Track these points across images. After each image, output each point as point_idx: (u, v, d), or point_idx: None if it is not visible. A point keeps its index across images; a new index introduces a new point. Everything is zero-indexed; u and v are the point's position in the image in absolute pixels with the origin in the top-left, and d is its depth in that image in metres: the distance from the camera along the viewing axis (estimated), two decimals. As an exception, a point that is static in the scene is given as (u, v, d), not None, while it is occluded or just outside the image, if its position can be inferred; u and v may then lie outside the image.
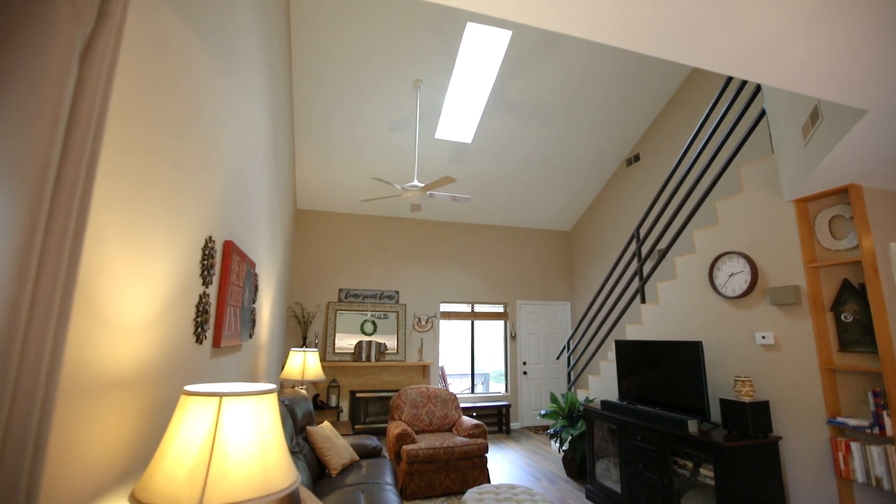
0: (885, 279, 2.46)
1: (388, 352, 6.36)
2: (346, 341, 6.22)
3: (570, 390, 5.46)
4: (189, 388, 1.12)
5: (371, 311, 6.46)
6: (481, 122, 5.42)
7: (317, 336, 6.23)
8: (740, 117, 3.44)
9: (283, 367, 4.07)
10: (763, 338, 3.01)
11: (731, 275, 3.25)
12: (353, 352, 6.20)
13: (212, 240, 1.86)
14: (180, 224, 1.49)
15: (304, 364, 3.94)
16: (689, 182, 5.05)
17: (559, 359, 6.72)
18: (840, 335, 2.65)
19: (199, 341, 1.78)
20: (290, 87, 4.45)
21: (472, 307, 7.16)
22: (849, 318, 2.60)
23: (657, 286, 3.96)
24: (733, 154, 3.45)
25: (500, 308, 7.29)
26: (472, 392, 7.11)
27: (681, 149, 5.32)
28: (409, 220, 7.00)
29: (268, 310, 3.92)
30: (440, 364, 6.91)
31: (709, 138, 3.79)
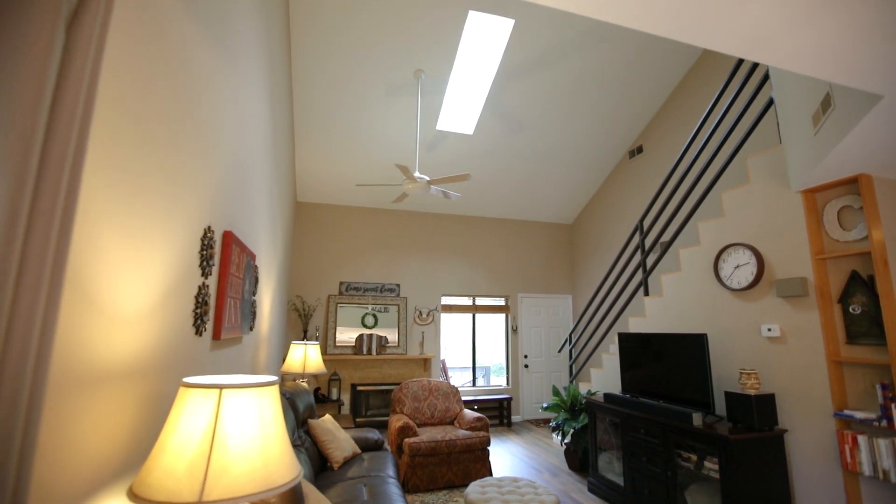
0: None
1: (390, 345, 6.34)
2: (346, 334, 6.20)
3: (571, 383, 5.45)
4: (188, 380, 1.08)
5: (372, 305, 6.43)
6: (483, 114, 5.36)
7: (317, 329, 6.21)
8: (747, 107, 3.39)
9: (284, 360, 4.05)
10: (769, 330, 2.98)
11: (737, 266, 3.21)
12: (353, 345, 6.19)
13: (210, 230, 1.82)
14: (178, 212, 1.45)
15: (305, 357, 3.92)
16: (693, 173, 5.00)
17: (561, 352, 6.70)
18: (848, 327, 2.62)
19: (198, 333, 1.74)
20: (289, 78, 4.39)
21: (474, 300, 7.13)
22: (857, 311, 2.56)
23: (661, 278, 3.93)
24: (739, 144, 3.40)
25: (501, 301, 7.26)
26: (474, 385, 7.10)
27: (685, 140, 5.27)
28: (410, 212, 6.95)
29: (268, 302, 3.89)
30: (441, 357, 6.89)
31: (714, 129, 3.74)
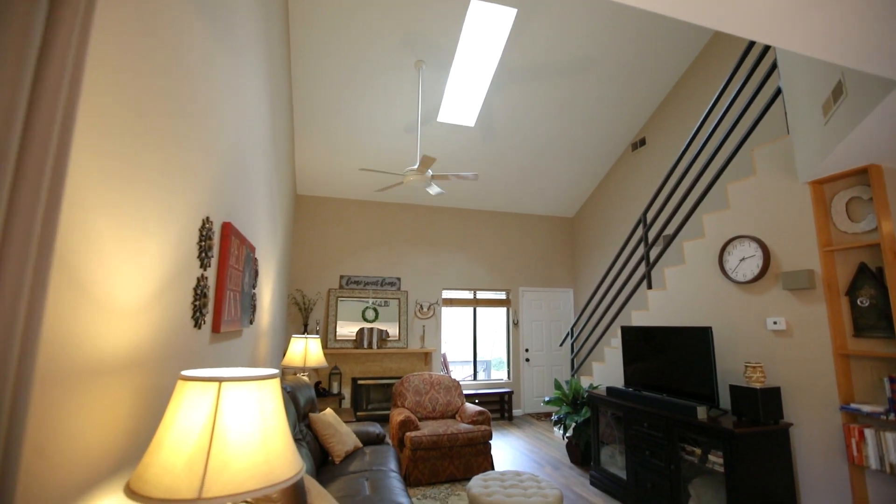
0: (905, 262, 2.38)
1: (390, 339, 6.32)
2: (347, 328, 6.18)
3: (573, 377, 5.43)
4: (186, 373, 1.05)
5: (372, 298, 6.41)
6: (484, 106, 5.30)
7: (318, 323, 6.18)
8: (753, 97, 3.34)
9: (285, 354, 4.04)
10: (774, 323, 2.95)
11: (742, 259, 3.18)
12: (354, 339, 6.16)
13: (209, 220, 1.78)
14: (175, 202, 1.41)
15: (306, 351, 3.89)
16: (698, 165, 4.94)
17: (562, 346, 6.69)
18: (855, 320, 2.58)
19: (197, 326, 1.71)
20: (288, 70, 4.33)
21: (475, 294, 7.11)
22: (865, 303, 2.53)
23: (664, 271, 3.89)
24: (746, 135, 3.35)
25: (502, 295, 7.24)
26: (475, 379, 7.09)
27: (689, 132, 5.21)
28: (411, 206, 6.91)
29: (268, 296, 3.85)
30: (442, 351, 6.87)
31: (720, 120, 3.69)
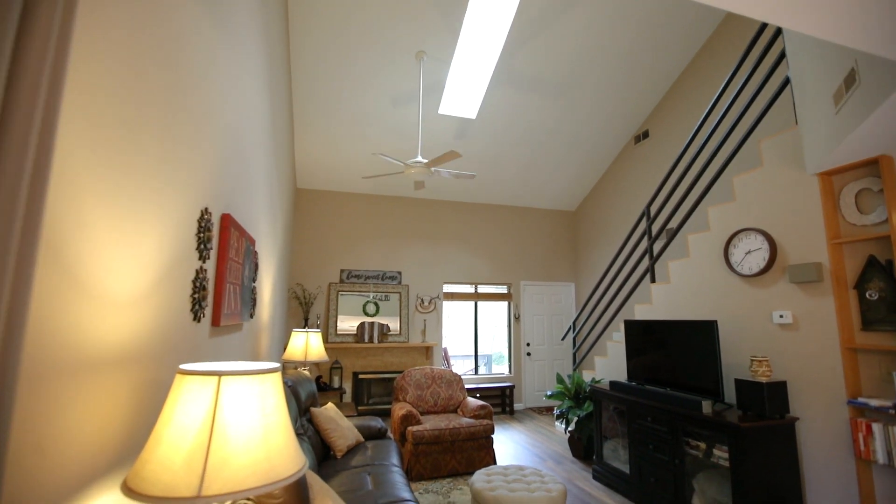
0: (915, 255, 2.34)
1: (391, 333, 6.30)
2: (348, 323, 6.15)
3: (575, 371, 5.41)
4: (185, 366, 1.02)
5: (373, 292, 6.37)
6: (486, 98, 5.24)
7: (318, 317, 6.16)
8: (760, 88, 3.28)
9: (286, 348, 4.01)
10: (781, 317, 2.92)
11: (748, 252, 3.14)
12: (355, 333, 6.14)
13: (208, 211, 1.74)
14: (172, 192, 1.37)
15: (307, 345, 3.86)
16: (703, 157, 4.89)
17: (564, 340, 6.66)
18: (864, 313, 2.55)
19: (196, 319, 1.67)
20: (287, 62, 4.27)
21: (476, 288, 7.07)
22: (874, 296, 2.50)
23: (668, 265, 3.85)
24: (752, 127, 3.31)
25: (503, 289, 7.21)
26: (476, 373, 7.08)
27: (693, 124, 5.16)
28: (412, 199, 6.86)
29: (269, 290, 3.82)
30: (443, 345, 6.85)
31: (726, 111, 3.64)
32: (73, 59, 0.79)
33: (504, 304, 7.26)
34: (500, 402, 6.66)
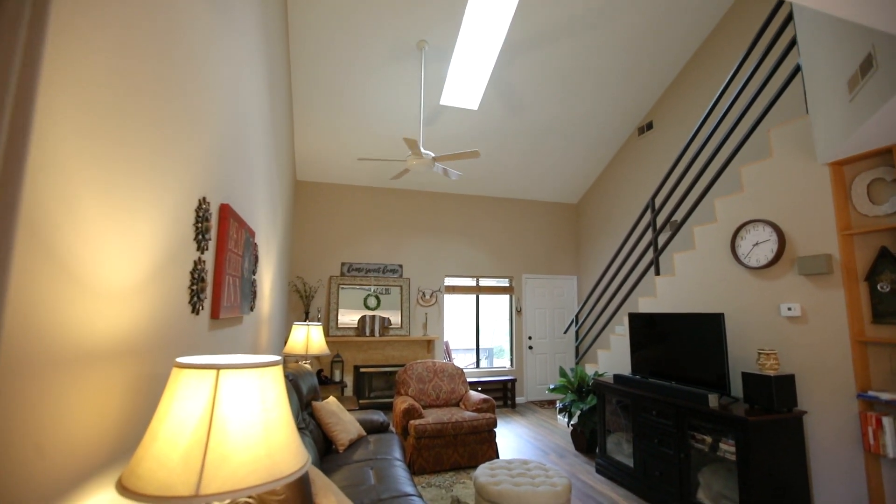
0: (929, 246, 2.30)
1: (392, 326, 6.26)
2: (349, 316, 6.12)
3: (578, 365, 5.39)
4: (182, 360, 0.97)
5: (374, 286, 6.33)
6: (488, 88, 5.16)
7: (319, 311, 6.12)
8: (770, 77, 3.22)
9: (286, 341, 3.98)
10: (789, 309, 2.87)
11: (756, 244, 3.09)
12: (356, 327, 6.11)
13: (206, 201, 1.69)
14: (169, 180, 1.32)
15: (308, 338, 3.83)
16: (710, 148, 4.81)
17: (566, 333, 6.63)
18: (874, 306, 2.50)
19: (195, 311, 1.63)
20: (286, 51, 4.19)
21: (477, 281, 7.03)
22: (885, 288, 2.45)
23: (673, 257, 3.81)
24: (761, 116, 3.24)
25: (505, 282, 7.17)
26: (477, 367, 7.06)
27: (698, 115, 5.08)
28: (413, 192, 6.80)
29: (269, 283, 3.78)
30: (445, 339, 6.83)
31: (733, 101, 3.57)
32: (53, 35, 0.74)
33: (506, 298, 7.22)
34: (502, 395, 6.65)
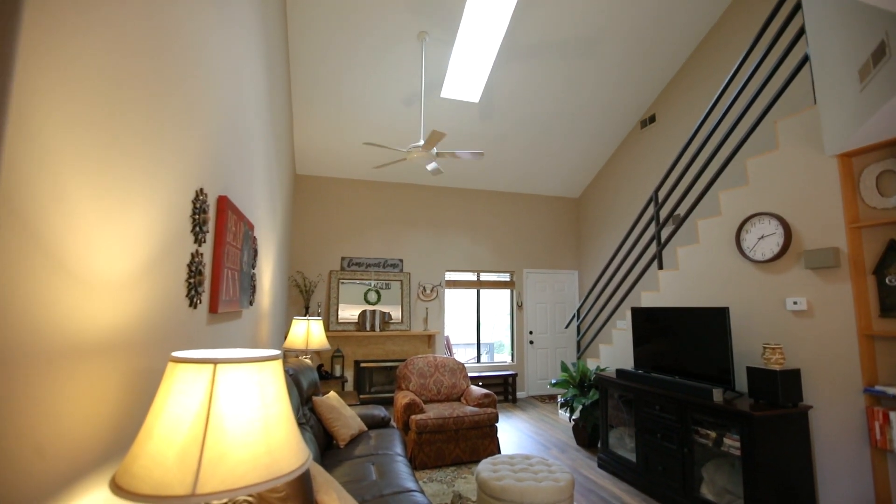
0: (939, 239, 2.26)
1: (393, 321, 6.24)
2: (349, 311, 6.08)
3: (580, 359, 5.36)
4: (177, 354, 0.93)
5: (374, 280, 6.30)
6: (489, 82, 5.10)
7: (319, 306, 6.09)
8: (776, 67, 3.17)
9: (286, 336, 3.95)
10: (795, 303, 2.84)
11: (761, 237, 3.05)
12: (356, 321, 6.08)
13: (203, 192, 1.65)
14: (165, 170, 1.27)
15: (308, 333, 3.80)
16: (714, 140, 4.76)
17: (568, 328, 6.61)
18: (882, 300, 2.47)
19: (192, 305, 1.59)
20: (285, 43, 4.13)
21: (478, 276, 7.00)
22: (894, 282, 2.41)
23: (677, 251, 3.77)
24: (768, 107, 3.19)
25: (506, 277, 7.13)
26: (478, 361, 7.04)
27: (701, 108, 5.03)
28: (413, 185, 6.74)
29: (268, 277, 3.74)
30: (445, 334, 6.80)
31: (739, 92, 3.52)
32: (31, 9, 0.69)
33: (507, 292, 7.19)
34: (503, 390, 6.63)
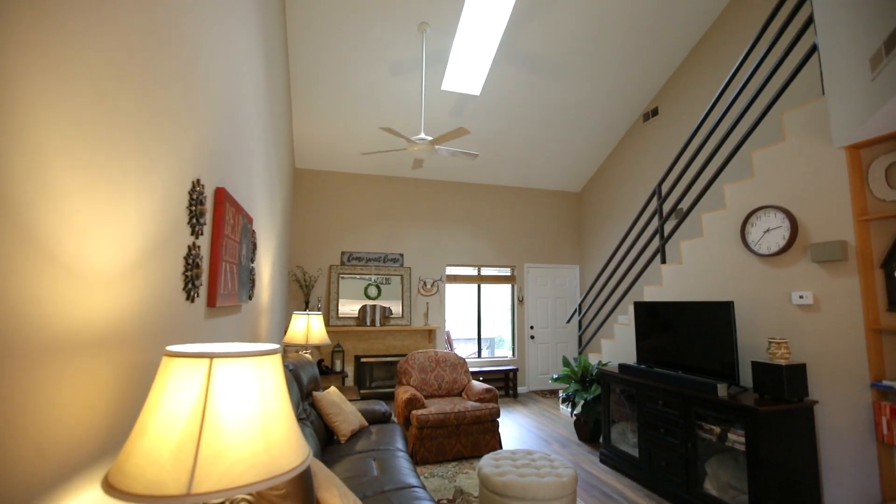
0: (950, 231, 2.22)
1: (393, 316, 6.21)
2: (349, 306, 6.06)
3: (581, 354, 5.34)
4: (172, 348, 0.90)
5: (375, 275, 6.26)
6: (490, 74, 5.04)
7: (319, 300, 6.06)
8: (784, 56, 3.12)
9: (286, 331, 3.93)
10: (801, 297, 2.80)
11: (767, 231, 3.01)
12: (357, 316, 6.05)
13: (200, 183, 1.61)
14: (159, 158, 1.23)
15: (308, 328, 3.77)
16: (719, 133, 4.70)
17: (569, 322, 6.57)
18: (890, 294, 2.43)
19: (189, 299, 1.56)
20: (284, 35, 4.07)
21: (479, 270, 6.97)
22: (902, 275, 2.38)
23: (680, 245, 3.73)
24: (774, 98, 3.14)
25: (507, 271, 7.10)
26: (479, 356, 7.02)
27: (705, 101, 4.97)
28: (414, 179, 6.70)
29: (268, 271, 3.70)
30: (446, 328, 6.78)
31: (745, 84, 3.47)
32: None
33: (507, 287, 7.16)
34: (504, 385, 6.62)
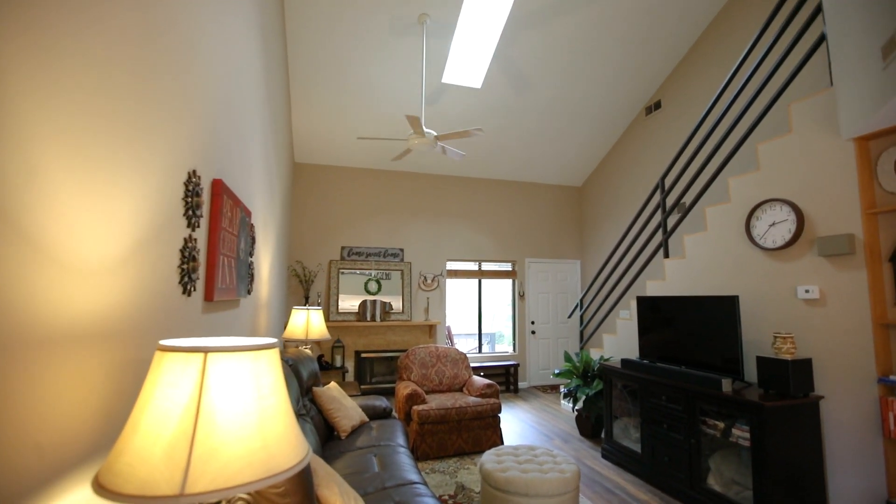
0: (960, 224, 2.18)
1: (394, 311, 6.18)
2: (349, 301, 6.02)
3: (583, 349, 5.31)
4: (165, 342, 0.86)
5: (375, 270, 6.23)
6: (491, 66, 4.98)
7: (319, 295, 6.03)
8: (791, 47, 3.06)
9: (286, 326, 3.89)
10: (807, 292, 2.77)
11: (773, 224, 2.97)
12: (357, 311, 6.02)
13: (196, 174, 1.57)
14: (153, 147, 1.19)
15: (308, 323, 3.73)
16: (724, 125, 4.65)
17: (571, 317, 6.55)
18: (898, 287, 2.40)
19: (186, 292, 1.52)
20: (282, 26, 4.01)
21: (480, 265, 6.93)
22: (911, 269, 2.34)
23: (683, 239, 3.69)
24: (780, 90, 3.10)
25: (507, 266, 7.06)
26: (480, 352, 7.00)
27: (708, 93, 4.91)
28: (414, 174, 6.65)
29: (267, 266, 3.67)
30: (447, 324, 6.75)
31: (751, 75, 3.41)
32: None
33: (508, 282, 7.13)
34: (505, 380, 6.60)
